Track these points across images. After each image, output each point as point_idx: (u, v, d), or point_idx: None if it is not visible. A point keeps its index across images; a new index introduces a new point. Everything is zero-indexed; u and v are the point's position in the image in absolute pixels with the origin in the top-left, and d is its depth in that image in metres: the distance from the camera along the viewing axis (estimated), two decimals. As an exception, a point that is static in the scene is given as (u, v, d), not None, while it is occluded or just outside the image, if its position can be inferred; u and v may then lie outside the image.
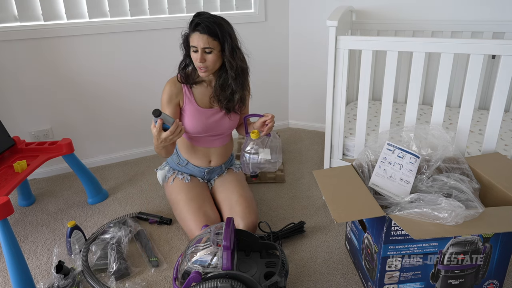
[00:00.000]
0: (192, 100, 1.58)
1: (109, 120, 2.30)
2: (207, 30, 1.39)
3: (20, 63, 2.00)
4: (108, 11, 2.12)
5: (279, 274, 1.19)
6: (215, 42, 1.42)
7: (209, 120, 1.59)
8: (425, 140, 1.42)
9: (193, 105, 1.58)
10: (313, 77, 2.64)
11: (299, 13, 2.55)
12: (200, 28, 1.40)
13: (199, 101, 1.59)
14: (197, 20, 1.41)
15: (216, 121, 1.60)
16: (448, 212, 1.05)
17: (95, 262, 1.45)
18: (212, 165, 1.71)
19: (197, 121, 1.58)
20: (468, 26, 2.11)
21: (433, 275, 1.20)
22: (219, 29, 1.41)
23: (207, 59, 1.44)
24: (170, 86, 1.56)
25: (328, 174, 1.38)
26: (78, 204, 1.91)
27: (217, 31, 1.40)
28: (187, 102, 1.58)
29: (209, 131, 1.61)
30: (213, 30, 1.40)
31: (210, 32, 1.40)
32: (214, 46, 1.42)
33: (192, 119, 1.58)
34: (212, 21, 1.40)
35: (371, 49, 1.54)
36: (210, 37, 1.40)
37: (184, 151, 1.69)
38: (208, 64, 1.45)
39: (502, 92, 1.39)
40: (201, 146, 1.66)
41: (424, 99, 2.36)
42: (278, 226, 1.67)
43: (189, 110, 1.58)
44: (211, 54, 1.43)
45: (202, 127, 1.59)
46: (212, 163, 1.71)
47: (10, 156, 1.72)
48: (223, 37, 1.42)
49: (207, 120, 1.58)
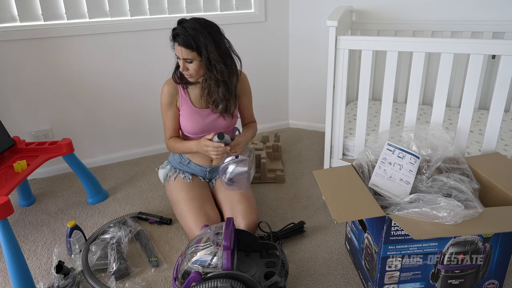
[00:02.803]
0: (188, 101, 1.59)
1: (109, 120, 2.30)
2: (183, 43, 1.40)
3: (20, 63, 2.00)
4: (108, 11, 2.12)
5: (279, 274, 1.19)
6: (193, 53, 1.42)
7: (205, 121, 1.60)
8: (425, 140, 1.42)
9: (188, 105, 1.59)
10: (313, 77, 2.64)
11: (299, 13, 2.55)
12: (179, 40, 1.41)
13: (194, 102, 1.60)
14: (176, 31, 1.41)
15: (212, 121, 1.61)
16: (447, 211, 1.05)
17: (95, 262, 1.45)
18: (214, 164, 1.71)
19: (193, 122, 1.59)
20: (468, 26, 2.11)
21: (433, 275, 1.20)
22: (194, 42, 1.39)
23: (190, 68, 1.46)
24: (168, 87, 1.59)
25: (328, 174, 1.38)
26: (78, 204, 1.91)
27: (192, 44, 1.39)
28: (183, 103, 1.60)
29: (207, 131, 1.62)
30: (189, 43, 1.39)
31: (186, 45, 1.40)
32: (193, 57, 1.43)
33: (189, 119, 1.60)
34: (189, 33, 1.39)
35: (371, 49, 1.54)
36: (187, 49, 1.41)
37: None
38: (191, 72, 1.48)
39: (502, 92, 1.39)
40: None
41: (424, 99, 2.36)
42: (278, 226, 1.67)
43: (185, 110, 1.60)
44: (192, 63, 1.45)
45: (199, 127, 1.60)
46: (214, 162, 1.71)
47: (10, 156, 1.72)
48: (199, 50, 1.41)
49: (203, 121, 1.59)
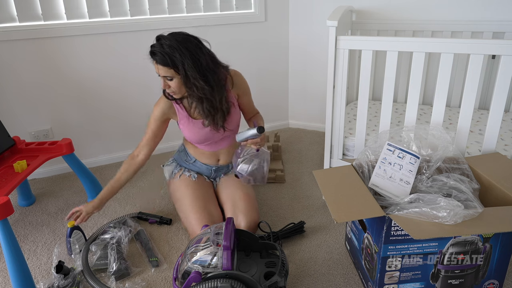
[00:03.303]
0: (185, 114, 1.58)
1: (109, 120, 2.30)
2: (160, 61, 1.37)
3: (20, 63, 2.00)
4: (108, 11, 2.12)
5: (279, 274, 1.19)
6: (170, 70, 1.38)
7: (204, 130, 1.58)
8: (425, 140, 1.42)
9: (186, 118, 1.58)
10: (313, 77, 2.64)
11: (299, 13, 2.55)
12: (156, 58, 1.37)
13: (191, 114, 1.59)
14: (153, 49, 1.38)
15: (211, 130, 1.58)
16: (447, 211, 1.05)
17: (95, 262, 1.45)
18: (220, 163, 1.72)
19: (194, 133, 1.59)
20: (468, 26, 2.11)
21: (433, 275, 1.20)
22: (170, 59, 1.35)
23: (171, 85, 1.43)
24: (162, 104, 1.56)
25: (328, 174, 1.38)
26: (78, 204, 1.91)
27: (168, 61, 1.35)
28: (180, 117, 1.59)
29: (210, 139, 1.62)
30: (165, 61, 1.36)
31: (163, 63, 1.36)
32: (172, 74, 1.39)
33: (189, 131, 1.60)
34: (165, 51, 1.35)
35: (371, 49, 1.54)
36: (164, 67, 1.37)
37: (192, 150, 1.70)
38: (173, 89, 1.44)
39: (502, 92, 1.39)
40: (208, 150, 1.67)
41: (424, 99, 2.36)
42: (278, 226, 1.67)
43: (185, 123, 1.59)
44: (172, 81, 1.41)
45: (201, 137, 1.60)
46: (220, 162, 1.71)
47: (10, 156, 1.72)
48: (176, 67, 1.37)
49: (202, 131, 1.58)
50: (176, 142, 2.40)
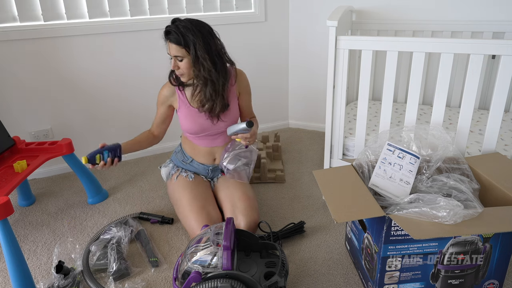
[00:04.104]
0: (185, 102, 1.62)
1: (109, 120, 2.30)
2: (173, 40, 1.44)
3: (20, 63, 2.00)
4: (108, 11, 2.12)
5: (279, 274, 1.19)
6: (182, 50, 1.44)
7: (202, 120, 1.61)
8: (425, 140, 1.42)
9: (186, 106, 1.62)
10: (313, 77, 2.64)
11: (299, 13, 2.55)
12: (169, 37, 1.45)
13: (191, 102, 1.62)
14: (167, 29, 1.45)
15: (207, 118, 1.61)
16: (447, 211, 1.05)
17: (95, 262, 1.45)
18: (216, 162, 1.72)
19: (191, 121, 1.62)
20: (468, 26, 2.11)
21: (433, 275, 1.20)
22: (184, 38, 1.42)
23: (180, 66, 1.49)
24: (165, 89, 1.64)
25: (328, 174, 1.38)
26: (78, 204, 1.91)
27: (181, 40, 1.43)
28: (181, 104, 1.63)
29: (206, 130, 1.63)
30: (178, 40, 1.43)
31: (176, 42, 1.43)
32: (184, 54, 1.45)
33: (187, 120, 1.62)
34: (180, 31, 1.42)
35: (371, 49, 1.54)
36: (177, 46, 1.44)
37: (189, 149, 1.71)
38: (182, 71, 1.50)
39: (502, 92, 1.39)
40: (204, 146, 1.68)
41: (424, 99, 2.36)
42: (278, 226, 1.67)
43: (184, 111, 1.63)
44: (182, 61, 1.47)
45: (198, 127, 1.62)
46: (216, 161, 1.72)
47: (10, 156, 1.72)
48: (188, 47, 1.44)
49: (200, 120, 1.61)
50: (174, 142, 2.40)
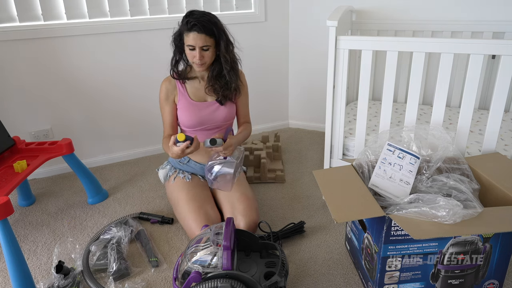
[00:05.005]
0: (186, 95, 1.65)
1: (109, 120, 2.30)
2: (204, 30, 1.48)
3: (20, 63, 2.00)
4: (108, 11, 2.11)
5: (279, 274, 1.19)
6: (211, 39, 1.51)
7: (202, 113, 1.64)
8: (425, 140, 1.42)
9: (186, 99, 1.65)
10: (313, 77, 2.64)
11: (299, 13, 2.55)
12: (197, 28, 1.47)
13: (192, 95, 1.65)
14: (193, 21, 1.47)
15: (210, 113, 1.65)
16: (446, 210, 1.05)
17: (95, 262, 1.45)
18: None
19: (190, 114, 1.64)
20: (468, 26, 2.11)
21: (433, 275, 1.20)
22: (215, 27, 1.50)
23: (205, 56, 1.53)
24: (166, 83, 1.66)
25: (328, 174, 1.38)
26: (78, 204, 1.91)
27: (213, 29, 1.50)
28: (180, 97, 1.65)
29: (204, 123, 1.65)
30: (209, 29, 1.49)
31: (207, 31, 1.48)
32: (211, 43, 1.52)
33: (186, 112, 1.64)
34: (207, 20, 1.48)
35: (371, 49, 1.54)
36: (207, 36, 1.49)
37: None
38: (205, 60, 1.55)
39: (502, 92, 1.39)
40: (201, 141, 1.67)
41: (424, 99, 2.36)
42: (278, 226, 1.67)
43: (183, 104, 1.65)
44: (208, 51, 1.52)
45: (197, 120, 1.64)
46: None
47: (10, 156, 1.72)
48: (219, 34, 1.52)
49: (200, 113, 1.64)
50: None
